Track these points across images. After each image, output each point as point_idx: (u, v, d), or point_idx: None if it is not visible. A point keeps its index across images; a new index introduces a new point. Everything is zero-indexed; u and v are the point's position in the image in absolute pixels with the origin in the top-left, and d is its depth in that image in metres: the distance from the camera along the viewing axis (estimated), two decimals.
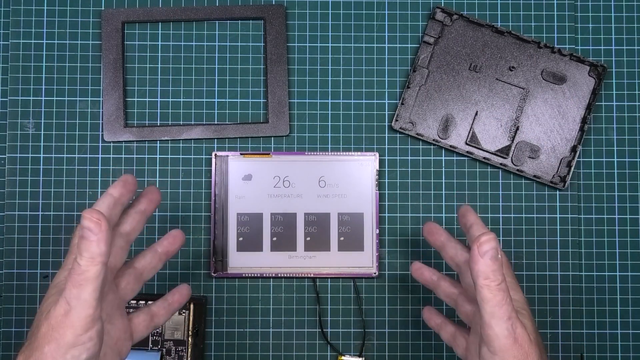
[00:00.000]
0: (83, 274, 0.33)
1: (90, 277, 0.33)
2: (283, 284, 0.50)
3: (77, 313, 0.32)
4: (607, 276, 0.50)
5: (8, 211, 0.50)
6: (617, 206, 0.51)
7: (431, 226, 0.44)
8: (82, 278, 0.33)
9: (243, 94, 0.51)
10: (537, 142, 0.50)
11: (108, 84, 0.50)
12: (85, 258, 0.33)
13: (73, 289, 0.33)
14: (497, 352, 0.35)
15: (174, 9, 0.51)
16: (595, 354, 0.50)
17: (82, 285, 0.32)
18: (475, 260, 0.35)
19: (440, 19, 0.51)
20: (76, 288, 0.33)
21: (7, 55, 0.51)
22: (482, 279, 0.34)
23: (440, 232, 0.44)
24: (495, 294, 0.34)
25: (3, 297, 0.49)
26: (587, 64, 0.50)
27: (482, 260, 0.34)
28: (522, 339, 0.35)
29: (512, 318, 0.35)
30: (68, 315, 0.32)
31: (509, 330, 0.34)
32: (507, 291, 0.35)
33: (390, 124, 0.51)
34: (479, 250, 0.35)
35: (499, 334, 0.34)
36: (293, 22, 0.51)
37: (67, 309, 0.33)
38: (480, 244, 0.35)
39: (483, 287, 0.34)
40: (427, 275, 0.44)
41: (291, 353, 0.50)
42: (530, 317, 0.38)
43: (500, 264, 0.35)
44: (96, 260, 0.33)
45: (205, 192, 0.50)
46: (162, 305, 0.41)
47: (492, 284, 0.34)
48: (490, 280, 0.34)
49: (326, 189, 0.50)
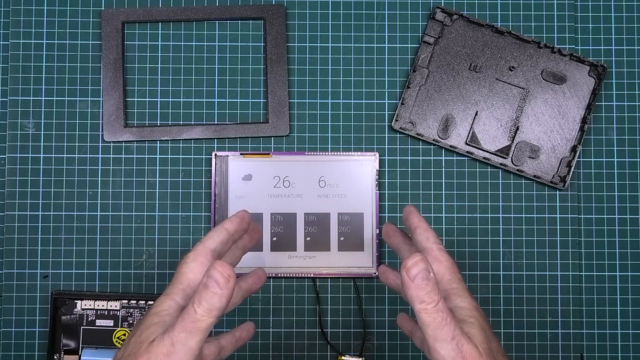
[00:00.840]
0: (196, 323, 0.32)
1: (202, 327, 0.32)
2: (283, 284, 0.50)
3: (179, 358, 0.32)
4: (607, 276, 0.50)
5: (8, 211, 0.50)
6: (617, 206, 0.51)
7: (388, 228, 0.44)
8: (194, 326, 0.32)
9: (243, 94, 0.51)
10: (537, 142, 0.50)
11: (108, 84, 0.50)
12: (204, 308, 0.32)
13: (182, 333, 0.32)
14: None
15: (174, 9, 0.51)
16: (595, 354, 0.50)
17: (192, 332, 0.32)
18: (407, 286, 0.33)
19: (440, 19, 0.51)
20: (185, 333, 0.32)
21: (7, 55, 0.51)
22: (417, 303, 0.33)
23: (396, 234, 0.43)
24: (434, 317, 0.33)
25: (3, 297, 0.49)
26: (587, 64, 0.50)
27: (413, 284, 0.33)
28: (471, 355, 0.33)
29: (457, 337, 0.33)
30: (170, 357, 0.32)
31: (454, 351, 0.33)
32: (445, 311, 0.33)
33: (390, 124, 0.51)
34: (408, 275, 0.33)
35: (445, 356, 0.33)
36: (293, 22, 0.51)
37: (171, 351, 0.32)
38: (407, 269, 0.33)
39: (421, 312, 0.33)
40: (391, 279, 0.44)
41: (291, 353, 0.50)
42: (480, 324, 0.36)
43: (434, 284, 0.33)
44: (213, 314, 0.33)
45: (205, 192, 0.50)
46: (229, 340, 0.41)
47: (428, 306, 0.33)
48: (426, 303, 0.33)
49: (326, 189, 0.50)
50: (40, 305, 0.49)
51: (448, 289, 0.37)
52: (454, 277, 0.38)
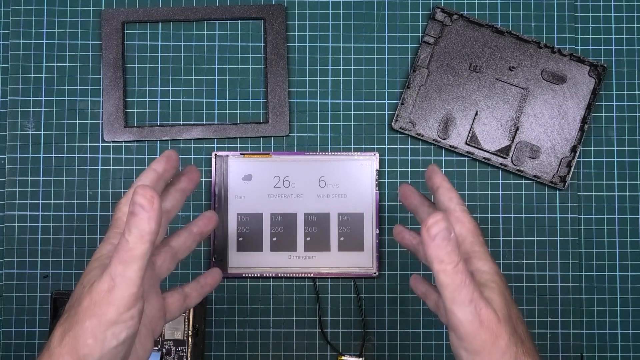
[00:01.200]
0: (130, 252, 0.31)
1: (137, 255, 0.31)
2: (283, 284, 0.50)
3: (121, 291, 0.31)
4: (607, 276, 0.50)
5: (8, 211, 0.50)
6: (617, 206, 0.51)
7: (405, 188, 0.42)
8: (129, 255, 0.31)
9: (243, 94, 0.51)
10: (537, 142, 0.50)
11: (108, 84, 0.50)
12: (134, 235, 0.31)
13: (119, 265, 0.31)
14: (463, 338, 0.32)
15: (174, 9, 0.51)
16: (595, 354, 0.50)
17: (128, 262, 0.31)
18: (426, 245, 0.32)
19: (440, 19, 0.51)
20: (122, 265, 0.31)
21: (7, 55, 0.51)
22: (436, 263, 0.32)
23: (414, 194, 0.41)
24: (452, 278, 0.32)
25: (3, 297, 0.49)
26: (587, 64, 0.50)
27: (433, 244, 0.31)
28: (489, 320, 0.32)
29: (475, 300, 0.32)
30: (112, 292, 0.31)
31: (472, 315, 0.32)
32: (465, 272, 0.32)
33: (390, 124, 0.51)
34: (428, 234, 0.31)
35: (462, 319, 0.32)
36: (293, 22, 0.51)
37: (111, 286, 0.32)
38: (428, 228, 0.31)
39: (439, 272, 0.32)
40: (407, 239, 0.42)
41: (291, 353, 0.50)
42: (501, 289, 0.35)
43: (455, 244, 0.32)
44: (145, 239, 0.31)
45: (205, 192, 0.50)
46: (194, 287, 0.41)
47: (447, 267, 0.32)
48: (445, 263, 0.32)
49: (326, 189, 0.50)
50: (40, 305, 0.49)
51: (469, 252, 0.36)
52: (476, 240, 0.37)
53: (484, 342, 0.32)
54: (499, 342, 0.32)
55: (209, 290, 0.42)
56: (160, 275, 0.38)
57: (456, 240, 0.32)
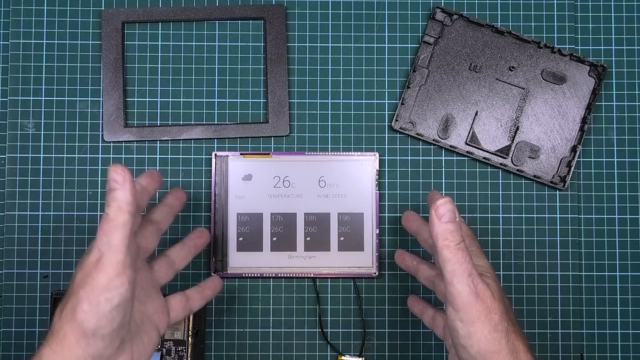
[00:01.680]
0: (111, 222, 0.34)
1: (118, 224, 0.34)
2: (283, 284, 0.50)
3: (108, 258, 0.34)
4: (607, 276, 0.50)
5: (8, 211, 0.50)
6: (617, 206, 0.51)
7: (408, 214, 0.47)
8: (111, 226, 0.34)
9: (243, 94, 0.51)
10: (537, 142, 0.50)
11: (108, 84, 0.50)
12: (113, 207, 0.35)
13: (103, 236, 0.34)
14: (460, 308, 0.36)
15: (174, 9, 0.51)
16: (595, 354, 0.50)
17: (111, 232, 0.34)
18: (433, 223, 0.36)
19: (440, 19, 0.51)
20: (106, 235, 0.34)
21: (7, 55, 0.51)
22: (441, 240, 0.36)
23: (415, 218, 0.47)
24: (454, 253, 0.35)
25: (3, 297, 0.49)
26: (587, 64, 0.50)
27: (439, 222, 0.36)
28: (484, 294, 0.36)
29: (473, 275, 0.36)
30: (100, 261, 0.34)
31: (469, 287, 0.35)
32: (466, 250, 0.36)
33: (390, 124, 0.51)
34: (436, 213, 0.36)
35: (460, 290, 0.35)
36: (293, 22, 0.51)
37: (99, 256, 0.35)
38: (437, 208, 0.36)
39: (443, 248, 0.36)
40: (408, 261, 0.47)
41: (291, 353, 0.50)
42: (495, 280, 0.39)
43: (458, 226, 0.36)
44: (123, 209, 0.35)
45: (205, 192, 0.50)
46: (196, 291, 0.44)
47: (450, 244, 0.36)
48: (449, 240, 0.36)
49: (326, 189, 0.50)
50: (40, 305, 0.49)
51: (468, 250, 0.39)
52: (473, 242, 0.42)
53: (479, 312, 0.35)
54: (492, 315, 0.36)
55: (211, 295, 0.45)
56: (159, 280, 0.42)
57: (460, 224, 0.36)
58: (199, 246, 0.46)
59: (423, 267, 0.45)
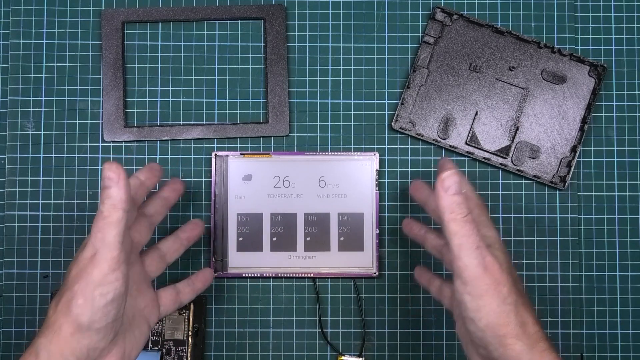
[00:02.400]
0: (106, 219, 0.35)
1: (113, 222, 0.35)
2: (283, 284, 0.50)
3: (102, 254, 0.35)
4: (607, 276, 0.50)
5: (8, 211, 0.50)
6: (617, 206, 0.51)
7: (416, 183, 0.46)
8: (105, 223, 0.35)
9: (243, 94, 0.51)
10: (537, 142, 0.50)
11: (108, 84, 0.50)
12: (107, 205, 0.35)
13: (98, 233, 0.35)
14: (468, 282, 0.35)
15: (174, 9, 0.51)
16: (595, 354, 0.50)
17: (105, 229, 0.35)
18: (440, 196, 0.35)
19: (440, 19, 0.51)
20: (100, 232, 0.35)
21: (7, 55, 0.51)
22: (448, 213, 0.35)
23: (424, 187, 0.45)
24: (461, 226, 0.35)
25: (3, 297, 0.49)
26: (587, 64, 0.50)
27: (445, 195, 0.35)
28: (492, 267, 0.35)
29: (481, 247, 0.35)
30: (94, 257, 0.35)
31: (477, 259, 0.35)
32: (473, 223, 0.35)
33: (390, 124, 0.51)
34: (442, 186, 0.35)
35: (468, 263, 0.35)
36: (293, 22, 0.51)
37: (93, 252, 0.35)
38: (442, 180, 0.35)
39: (450, 221, 0.35)
40: (415, 230, 0.46)
41: (291, 353, 0.50)
42: (504, 251, 0.38)
43: (464, 198, 0.35)
44: (117, 207, 0.35)
45: (205, 192, 0.50)
46: (186, 284, 0.44)
47: (457, 216, 0.35)
48: (456, 213, 0.35)
49: (326, 189, 0.50)
50: (40, 305, 0.49)
51: (476, 220, 0.38)
52: (482, 211, 0.41)
53: (487, 285, 0.35)
54: (500, 288, 0.35)
55: (201, 288, 0.45)
56: (150, 273, 0.42)
57: (466, 196, 0.36)
58: (191, 239, 0.45)
59: (431, 236, 0.44)
